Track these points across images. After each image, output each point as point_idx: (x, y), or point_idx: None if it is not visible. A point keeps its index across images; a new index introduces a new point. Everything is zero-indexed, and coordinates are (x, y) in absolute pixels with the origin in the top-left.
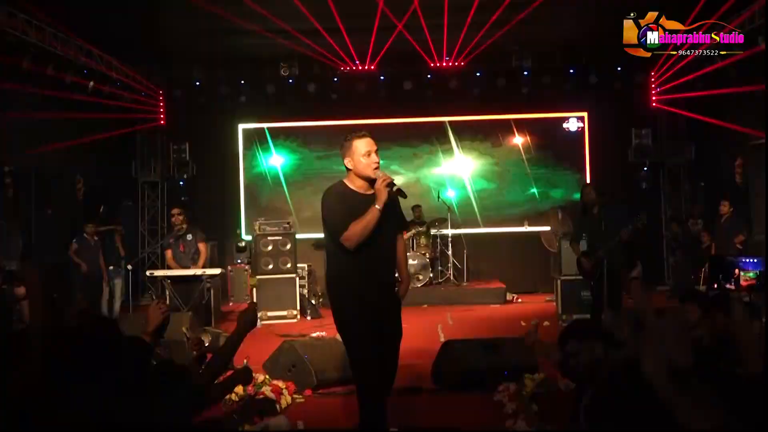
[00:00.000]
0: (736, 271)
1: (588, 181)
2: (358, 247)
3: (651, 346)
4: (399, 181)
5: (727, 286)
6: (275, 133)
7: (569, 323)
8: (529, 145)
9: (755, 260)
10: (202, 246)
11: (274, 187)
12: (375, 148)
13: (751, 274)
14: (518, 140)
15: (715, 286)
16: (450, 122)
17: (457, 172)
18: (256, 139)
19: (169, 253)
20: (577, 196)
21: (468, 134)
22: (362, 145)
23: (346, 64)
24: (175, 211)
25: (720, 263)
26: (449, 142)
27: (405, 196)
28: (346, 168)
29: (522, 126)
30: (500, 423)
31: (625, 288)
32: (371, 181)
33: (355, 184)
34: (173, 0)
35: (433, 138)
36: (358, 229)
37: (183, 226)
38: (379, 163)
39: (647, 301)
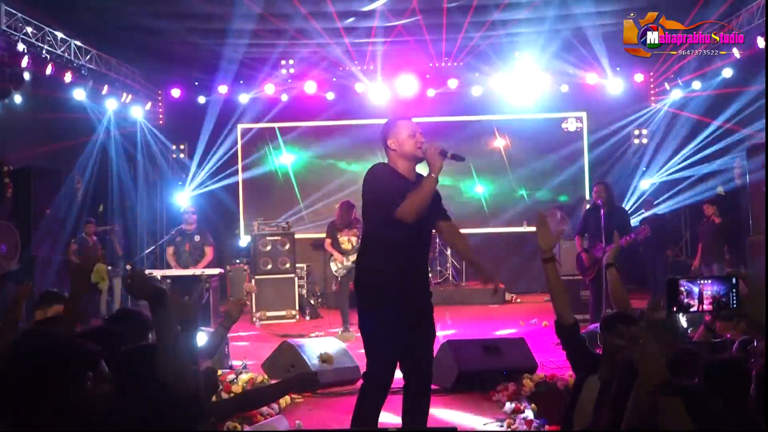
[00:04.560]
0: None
1: (594, 181)
2: (402, 234)
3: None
4: None
5: (693, 310)
6: (285, 132)
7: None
8: (528, 146)
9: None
10: (209, 250)
11: (285, 185)
12: (419, 129)
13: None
14: (517, 141)
15: (675, 309)
16: (450, 122)
17: (456, 172)
18: (267, 137)
19: (170, 250)
20: (563, 198)
21: (467, 134)
22: (406, 126)
23: (345, 64)
24: (189, 209)
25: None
26: (447, 141)
27: (463, 159)
28: (389, 149)
29: (521, 126)
30: (499, 423)
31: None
32: (414, 165)
33: (399, 167)
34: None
35: (435, 139)
36: (415, 199)
37: (192, 226)
38: (423, 142)
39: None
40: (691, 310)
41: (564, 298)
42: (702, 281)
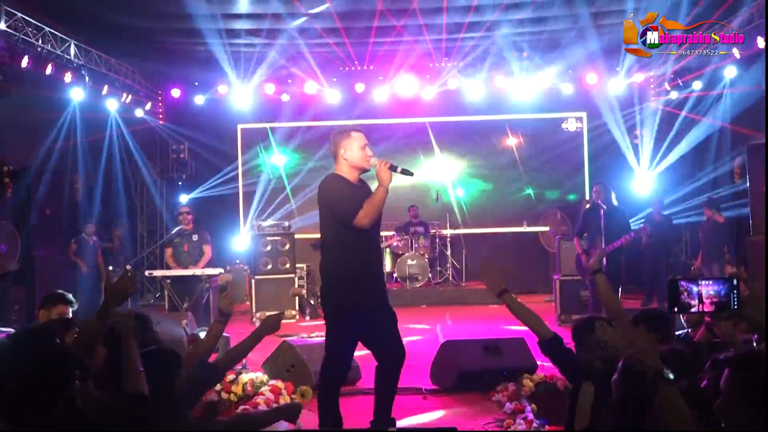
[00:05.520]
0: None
1: (594, 181)
2: (361, 237)
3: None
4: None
5: (693, 310)
6: (277, 133)
7: (582, 318)
8: (528, 146)
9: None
10: (207, 248)
11: (277, 187)
12: (368, 143)
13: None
14: (517, 140)
15: (676, 309)
16: (450, 122)
17: (456, 172)
18: (259, 139)
19: (169, 251)
20: (572, 197)
21: (467, 134)
22: (360, 138)
23: (345, 64)
24: (184, 210)
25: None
26: (449, 142)
27: (411, 174)
28: (340, 157)
29: (521, 126)
30: (499, 423)
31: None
32: (359, 174)
33: (347, 175)
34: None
35: (433, 138)
36: (370, 209)
37: (189, 226)
38: (372, 156)
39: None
40: (692, 310)
41: (533, 319)
42: (702, 282)
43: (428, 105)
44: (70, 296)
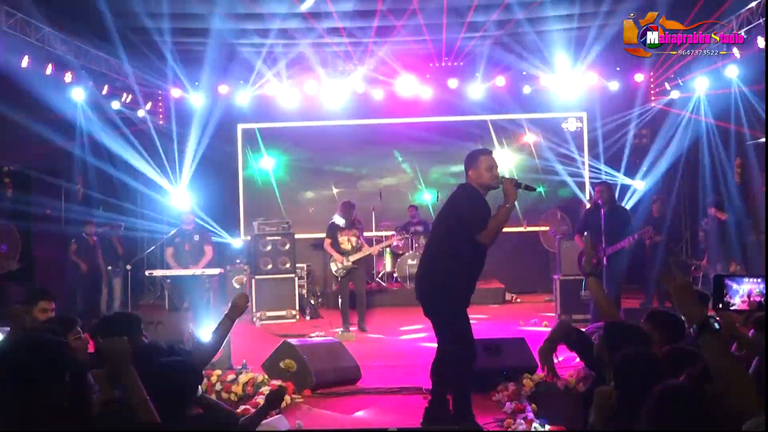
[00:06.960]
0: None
1: (600, 180)
2: (480, 249)
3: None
4: (397, 180)
5: (734, 308)
6: (266, 134)
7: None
8: (527, 145)
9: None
10: (208, 249)
11: (265, 189)
12: (497, 164)
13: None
14: (516, 140)
15: (720, 306)
16: (450, 122)
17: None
18: (258, 138)
19: (170, 251)
20: (574, 195)
21: (468, 134)
22: (486, 161)
23: (345, 64)
24: (187, 209)
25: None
26: (449, 142)
27: (534, 189)
28: (470, 178)
29: (520, 126)
30: (499, 423)
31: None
32: (487, 191)
33: (480, 189)
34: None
35: (434, 138)
36: (496, 227)
37: (191, 226)
38: (498, 176)
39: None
40: (732, 308)
41: (606, 308)
42: (748, 279)
43: (426, 104)
44: (51, 292)
